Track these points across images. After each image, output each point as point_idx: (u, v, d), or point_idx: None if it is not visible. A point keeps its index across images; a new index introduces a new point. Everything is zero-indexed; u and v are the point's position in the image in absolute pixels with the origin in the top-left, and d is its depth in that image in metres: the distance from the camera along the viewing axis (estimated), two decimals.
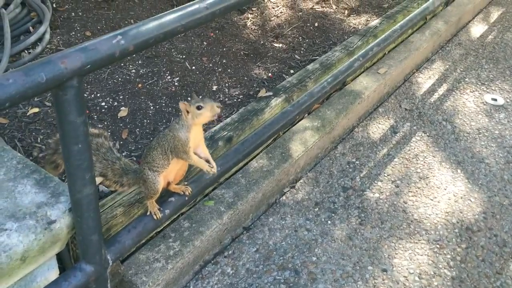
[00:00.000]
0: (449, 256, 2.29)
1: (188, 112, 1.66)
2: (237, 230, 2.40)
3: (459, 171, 2.77)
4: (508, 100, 3.40)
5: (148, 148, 1.77)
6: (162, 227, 2.17)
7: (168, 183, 1.89)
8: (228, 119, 2.70)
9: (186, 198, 1.92)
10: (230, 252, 2.29)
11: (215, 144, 2.50)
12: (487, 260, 2.27)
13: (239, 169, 2.54)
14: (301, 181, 2.70)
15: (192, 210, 2.28)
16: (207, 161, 1.82)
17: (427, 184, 2.69)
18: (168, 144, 1.69)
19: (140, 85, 3.01)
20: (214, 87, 3.07)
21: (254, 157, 2.60)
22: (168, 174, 1.83)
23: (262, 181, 2.48)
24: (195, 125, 1.71)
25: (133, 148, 2.55)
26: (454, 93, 3.46)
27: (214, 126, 2.64)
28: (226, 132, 2.59)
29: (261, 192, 2.47)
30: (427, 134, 3.05)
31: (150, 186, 1.70)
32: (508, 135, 3.07)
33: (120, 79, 3.05)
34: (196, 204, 2.31)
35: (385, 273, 2.20)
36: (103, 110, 2.79)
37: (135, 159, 2.48)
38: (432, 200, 2.59)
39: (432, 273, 2.21)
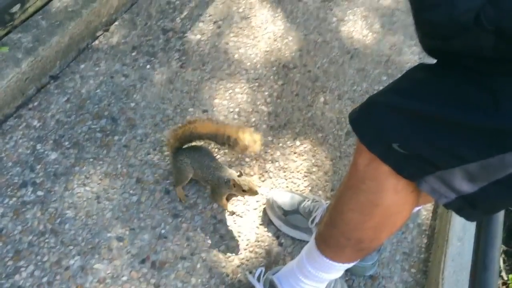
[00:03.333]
0: (266, 93, 2.36)
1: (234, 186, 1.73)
2: (42, 80, 2.13)
3: (279, 10, 2.77)
4: None
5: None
6: None
7: None
8: None
9: None
10: (35, 103, 2.05)
11: None
12: (300, 94, 2.40)
13: (38, 10, 2.18)
14: (116, 23, 2.45)
15: None
16: None
17: (248, 24, 2.64)
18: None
19: None
20: None
21: None
22: None
23: (67, 23, 2.17)
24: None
25: None
26: None
27: None
28: None
29: (67, 35, 2.18)
30: None
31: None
32: None
33: None
34: None
35: (205, 113, 2.20)
36: None
37: None
38: (252, 40, 2.57)
39: (251, 110, 2.27)
